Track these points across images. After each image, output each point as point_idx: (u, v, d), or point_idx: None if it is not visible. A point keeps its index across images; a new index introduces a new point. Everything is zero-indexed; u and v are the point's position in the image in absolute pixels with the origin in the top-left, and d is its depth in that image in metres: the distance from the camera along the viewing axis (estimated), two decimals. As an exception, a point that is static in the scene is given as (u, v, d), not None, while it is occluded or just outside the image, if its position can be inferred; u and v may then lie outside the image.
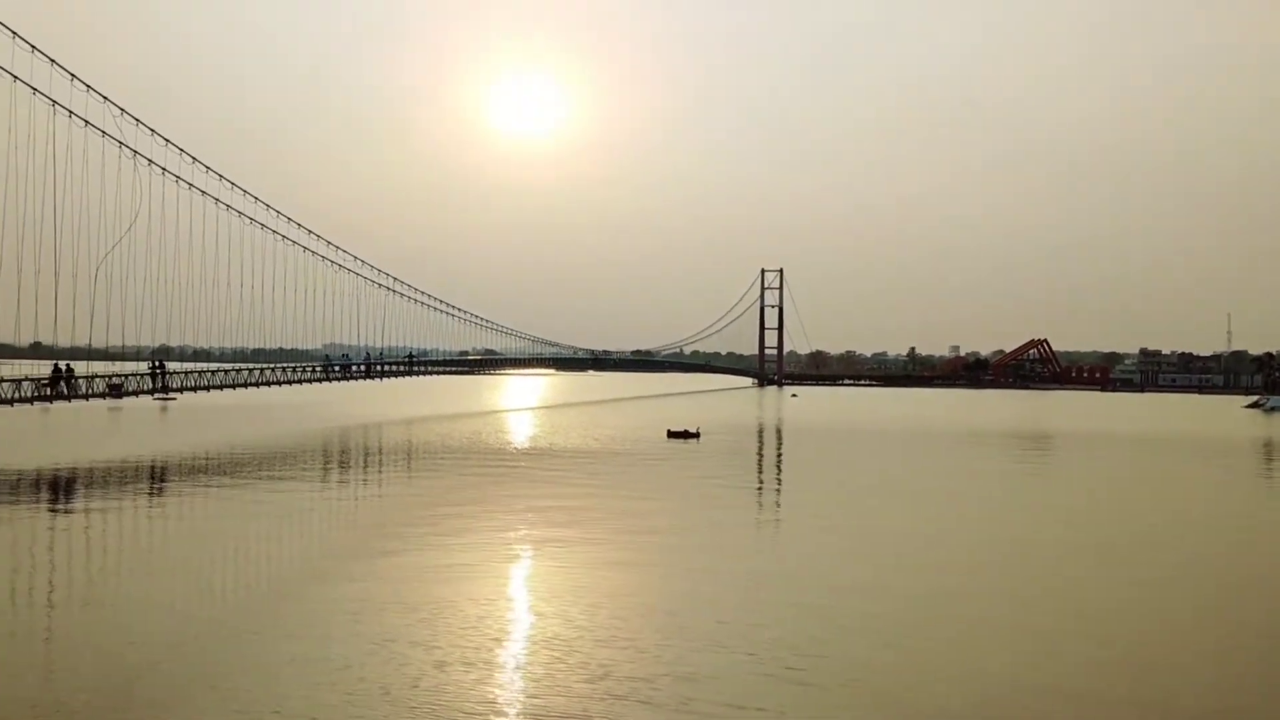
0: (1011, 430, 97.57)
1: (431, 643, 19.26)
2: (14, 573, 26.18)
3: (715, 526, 34.98)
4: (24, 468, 47.55)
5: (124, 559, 29.24)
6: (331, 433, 75.76)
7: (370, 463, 56.79)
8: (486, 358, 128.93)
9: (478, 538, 31.36)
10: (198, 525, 34.60)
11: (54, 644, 19.51)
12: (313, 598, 23.29)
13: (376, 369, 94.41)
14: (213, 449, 59.92)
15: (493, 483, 46.39)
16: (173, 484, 44.67)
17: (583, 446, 66.21)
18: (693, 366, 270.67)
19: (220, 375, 75.51)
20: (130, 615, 21.57)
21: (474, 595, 23.61)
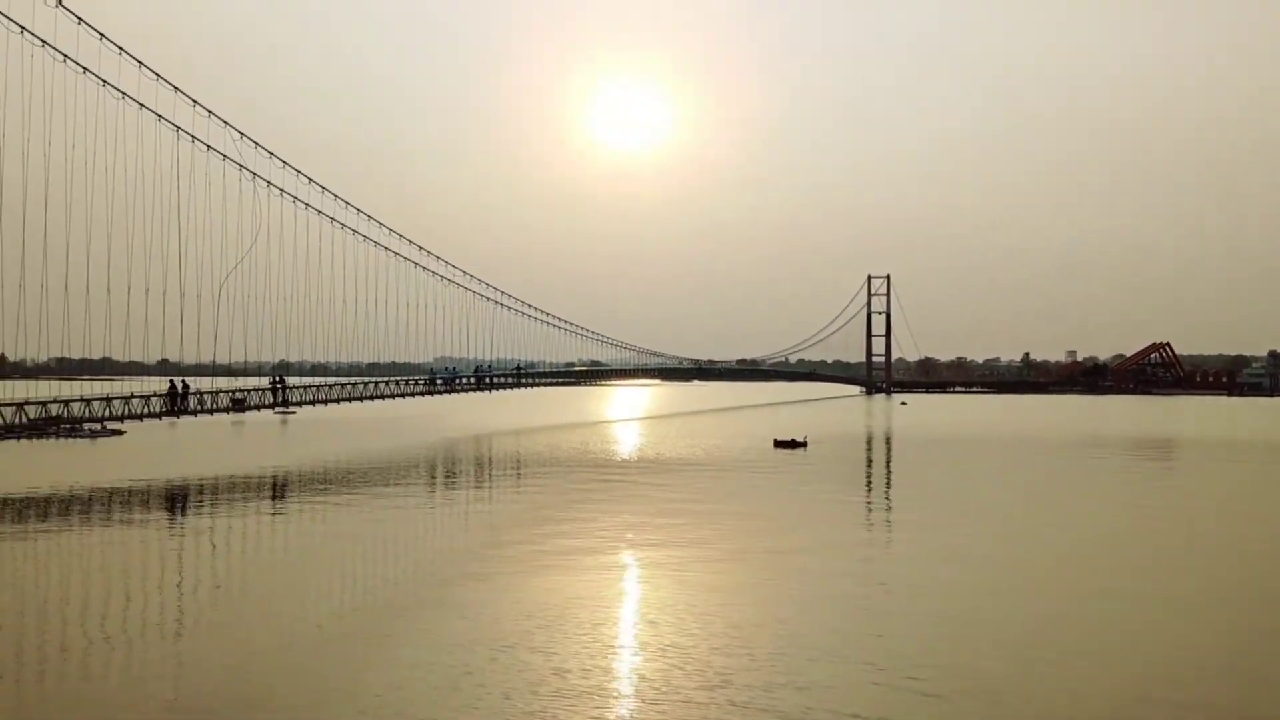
0: (1133, 437, 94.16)
1: (549, 649, 19.44)
2: (145, 583, 27.31)
3: (824, 536, 34.57)
4: (153, 480, 49.60)
5: (248, 569, 30.25)
6: (443, 444, 77.24)
7: (481, 473, 57.68)
8: (592, 369, 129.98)
9: (588, 547, 31.59)
10: (318, 536, 35.60)
11: (184, 651, 20.24)
12: (432, 605, 23.74)
13: (486, 381, 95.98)
14: (330, 461, 61.64)
15: (601, 493, 46.67)
16: (293, 496, 46.10)
17: (689, 456, 66.17)
18: (799, 375, 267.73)
19: (336, 389, 77.67)
20: (256, 623, 22.33)
21: (587, 603, 23.76)
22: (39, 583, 27.46)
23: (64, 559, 30.22)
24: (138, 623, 22.47)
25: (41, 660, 19.41)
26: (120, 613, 23.43)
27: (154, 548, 32.06)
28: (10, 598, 25.33)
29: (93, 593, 25.64)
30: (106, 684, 17.86)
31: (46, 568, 29.17)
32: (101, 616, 22.92)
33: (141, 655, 19.64)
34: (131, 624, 22.37)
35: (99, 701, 16.84)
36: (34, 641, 20.76)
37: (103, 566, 28.98)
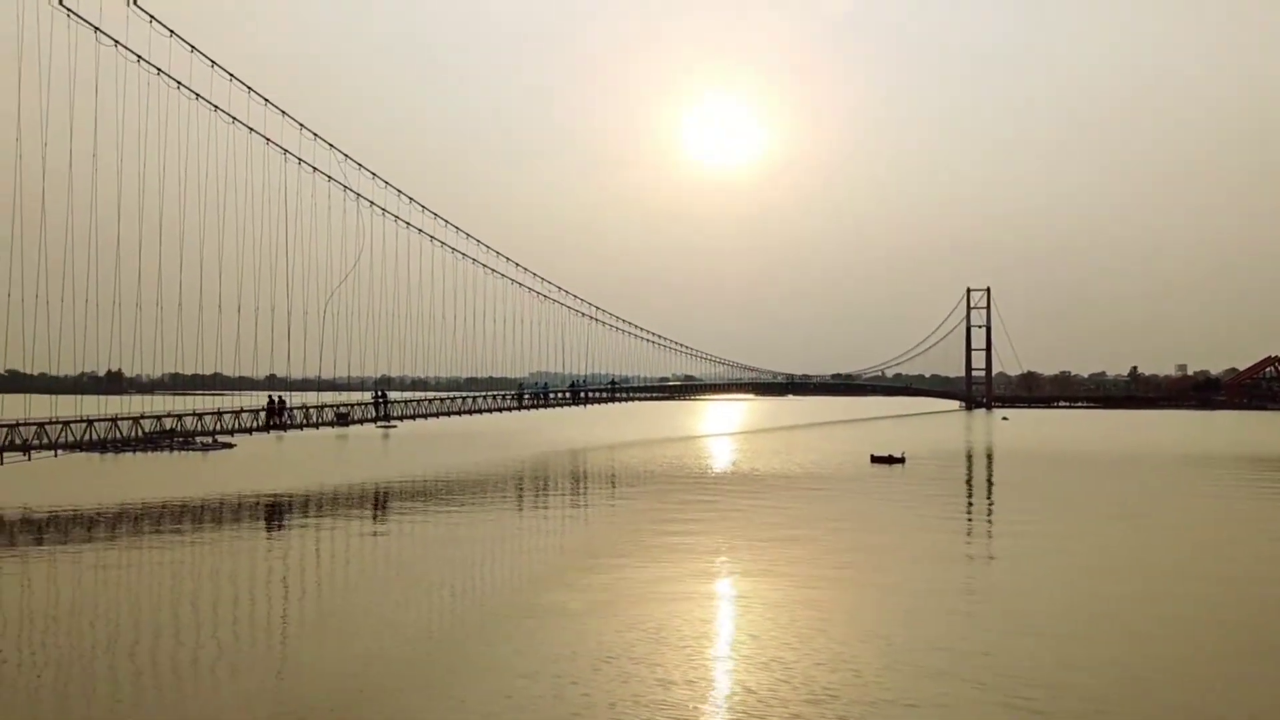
0: (1248, 455, 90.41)
1: (653, 661, 19.49)
2: (254, 593, 28.17)
3: (924, 552, 34.00)
4: (261, 492, 51.11)
5: (355, 579, 31.00)
6: (539, 458, 78.02)
7: (576, 487, 58.10)
8: (686, 383, 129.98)
9: (685, 560, 31.60)
10: (421, 547, 36.28)
11: (290, 660, 20.85)
12: (534, 615, 23.99)
13: (580, 395, 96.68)
14: (430, 475, 62.77)
15: (696, 507, 46.60)
16: (396, 509, 47.06)
17: (784, 471, 65.68)
18: (896, 389, 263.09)
19: (435, 404, 79.00)
20: (364, 633, 22.84)
21: (689, 615, 23.76)
22: (156, 591, 28.52)
23: (180, 568, 31.33)
24: (251, 629, 23.20)
25: (157, 665, 20.13)
26: (236, 619, 24.21)
27: (263, 558, 33.09)
28: (131, 606, 26.38)
29: (208, 600, 26.54)
30: (223, 689, 18.45)
31: (164, 576, 30.25)
32: (217, 623, 23.72)
33: (255, 660, 20.29)
34: (245, 630, 23.11)
35: (214, 707, 17.41)
36: (149, 647, 21.55)
37: (219, 575, 29.98)
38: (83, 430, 48.80)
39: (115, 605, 26.39)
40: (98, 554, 33.19)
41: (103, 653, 20.90)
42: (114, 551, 33.75)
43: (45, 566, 31.10)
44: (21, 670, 19.59)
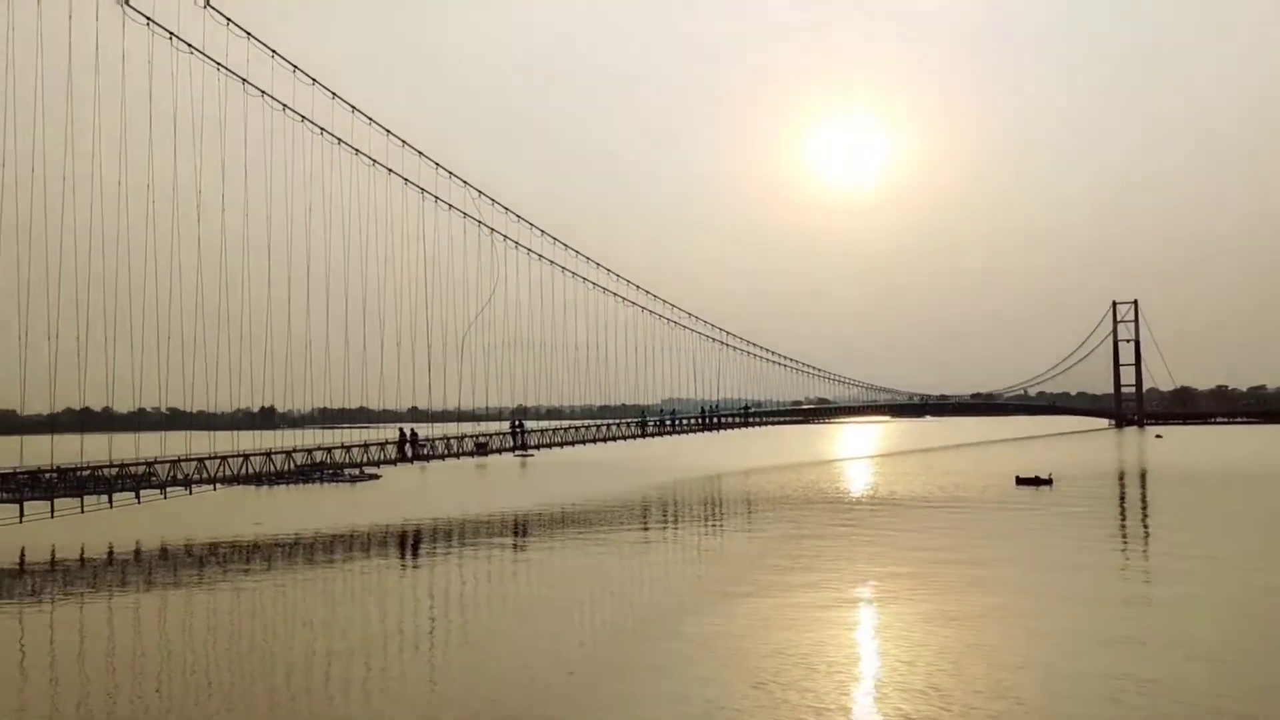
0: None
1: (805, 687, 19.14)
2: (399, 618, 28.83)
3: (1077, 577, 32.59)
4: (406, 520, 52.46)
5: (498, 606, 31.46)
6: (674, 484, 78.02)
7: (714, 513, 57.83)
8: (820, 406, 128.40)
9: (828, 585, 31.06)
10: (561, 573, 36.60)
11: (435, 685, 21.19)
12: (678, 640, 23.87)
13: (713, 421, 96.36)
14: (568, 502, 63.41)
15: (836, 532, 45.84)
16: (536, 535, 47.68)
17: (925, 494, 64.02)
18: (1040, 408, 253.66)
19: (571, 432, 79.88)
20: (508, 659, 23.08)
21: (836, 641, 23.30)
22: (310, 617, 29.50)
23: (331, 596, 32.40)
24: (400, 656, 23.74)
25: (311, 690, 20.76)
26: (386, 645, 24.82)
27: (410, 585, 33.95)
28: (296, 631, 27.34)
29: (359, 626, 27.31)
30: (375, 710, 18.89)
31: (317, 604, 31.29)
32: (369, 649, 24.35)
33: (404, 685, 20.71)
34: (394, 656, 23.66)
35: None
36: (320, 671, 22.25)
37: (367, 602, 30.88)
38: (239, 465, 51.03)
39: (270, 632, 27.40)
40: (255, 583, 34.56)
41: (259, 678, 21.68)
42: (271, 581, 35.09)
43: (205, 596, 32.51)
44: (186, 690, 20.48)
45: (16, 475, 44.23)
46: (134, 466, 47.42)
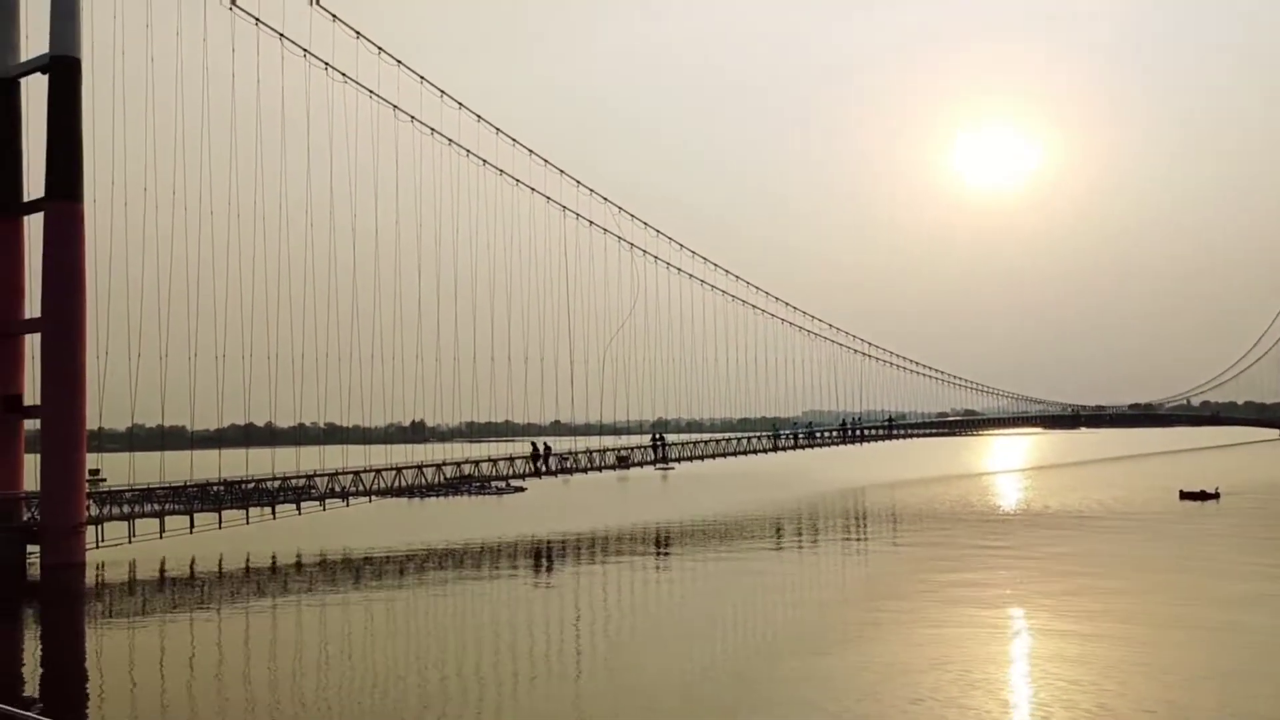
0: None
1: (965, 704, 18.59)
2: (549, 629, 29.31)
3: (1247, 595, 30.73)
4: (551, 532, 53.32)
5: (640, 617, 31.70)
6: (815, 498, 77.06)
7: (856, 527, 56.86)
8: (967, 418, 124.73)
9: (981, 600, 30.18)
10: (705, 585, 36.59)
11: (584, 694, 21.43)
12: (828, 654, 23.53)
13: (855, 433, 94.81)
14: (709, 515, 63.34)
15: (987, 546, 44.48)
16: (677, 547, 47.81)
17: (1082, 509, 61.48)
18: (1203, 419, 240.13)
19: (711, 445, 79.74)
20: (652, 670, 23.17)
21: (995, 657, 22.70)
22: (459, 626, 30.33)
23: (486, 602, 33.24)
24: (546, 663, 24.15)
25: (482, 688, 21.31)
26: (533, 653, 25.28)
27: (556, 595, 34.49)
28: (438, 640, 28.17)
29: (506, 634, 27.92)
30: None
31: (465, 613, 32.15)
32: (515, 656, 24.86)
33: (549, 692, 21.09)
34: (541, 664, 24.08)
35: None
36: (475, 673, 22.86)
37: (515, 611, 31.57)
38: (392, 478, 52.90)
39: (424, 640, 28.29)
40: (410, 592, 35.73)
41: (409, 684, 22.39)
42: (423, 589, 36.22)
43: (361, 605, 33.74)
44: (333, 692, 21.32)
45: (187, 489, 46.89)
46: (294, 480, 49.69)
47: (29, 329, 43.91)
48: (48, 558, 40.41)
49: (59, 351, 41.94)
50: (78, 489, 42.01)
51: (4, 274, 44.65)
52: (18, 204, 44.79)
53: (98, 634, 30.17)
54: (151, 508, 44.78)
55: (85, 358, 42.36)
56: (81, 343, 42.31)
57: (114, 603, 35.17)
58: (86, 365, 42.38)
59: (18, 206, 44.77)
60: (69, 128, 42.73)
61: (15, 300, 44.67)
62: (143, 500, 45.13)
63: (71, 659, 27.11)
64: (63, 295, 42.02)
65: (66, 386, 41.92)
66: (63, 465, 41.42)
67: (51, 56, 42.83)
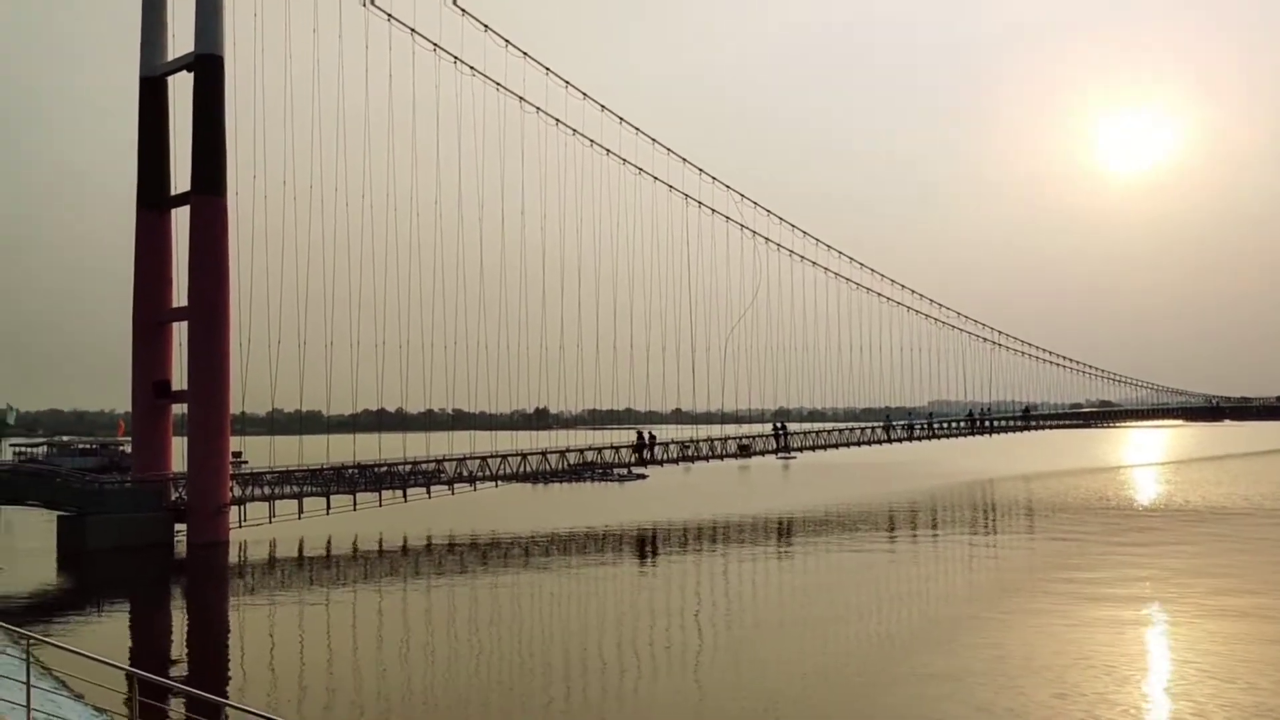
0: None
1: (1116, 700, 17.83)
2: (669, 616, 29.40)
3: None
4: (672, 520, 53.38)
5: (764, 605, 31.48)
6: (941, 489, 75.29)
7: (987, 518, 55.32)
8: (1102, 410, 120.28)
9: (1123, 596, 29.01)
10: (829, 575, 36.17)
11: (703, 687, 21.36)
12: (965, 647, 22.87)
13: (984, 424, 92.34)
14: (830, 505, 62.56)
15: (1126, 540, 42.75)
16: (799, 536, 47.37)
17: (1225, 504, 58.54)
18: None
19: (834, 435, 78.77)
20: (776, 660, 23.03)
21: (1142, 653, 21.97)
22: (595, 607, 30.64)
23: (606, 588, 33.53)
24: (668, 653, 24.20)
25: (605, 673, 21.49)
26: (652, 641, 25.37)
27: (677, 582, 34.53)
28: (571, 621, 28.51)
29: (629, 620, 28.08)
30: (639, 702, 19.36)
31: (597, 594, 32.46)
32: (637, 643, 24.99)
33: (667, 681, 21.11)
34: (662, 653, 24.14)
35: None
36: (599, 657, 23.08)
37: (636, 595, 31.74)
38: (518, 464, 53.82)
39: (547, 624, 28.68)
40: (534, 575, 36.25)
41: (532, 668, 22.70)
42: (547, 574, 36.70)
43: (488, 586, 34.36)
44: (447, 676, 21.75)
45: (323, 472, 48.59)
46: (425, 464, 51.00)
47: (176, 318, 46.10)
48: (194, 536, 42.38)
49: (204, 339, 43.89)
50: (222, 471, 43.95)
51: (153, 265, 46.99)
52: (165, 198, 47.05)
53: (241, 609, 31.47)
54: (290, 490, 46.58)
55: (229, 345, 44.26)
56: (225, 331, 44.21)
57: (256, 580, 36.65)
58: (230, 352, 44.26)
59: (165, 200, 47.03)
60: (213, 124, 44.59)
61: (164, 290, 46.97)
62: (282, 482, 46.97)
63: (216, 633, 28.34)
64: (207, 285, 43.94)
65: (211, 373, 43.87)
66: (208, 448, 43.37)
67: (196, 55, 44.77)
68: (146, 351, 46.68)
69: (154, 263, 47.02)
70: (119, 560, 38.98)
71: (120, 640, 26.67)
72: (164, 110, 47.53)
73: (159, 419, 47.21)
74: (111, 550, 39.88)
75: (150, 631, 28.86)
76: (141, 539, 41.20)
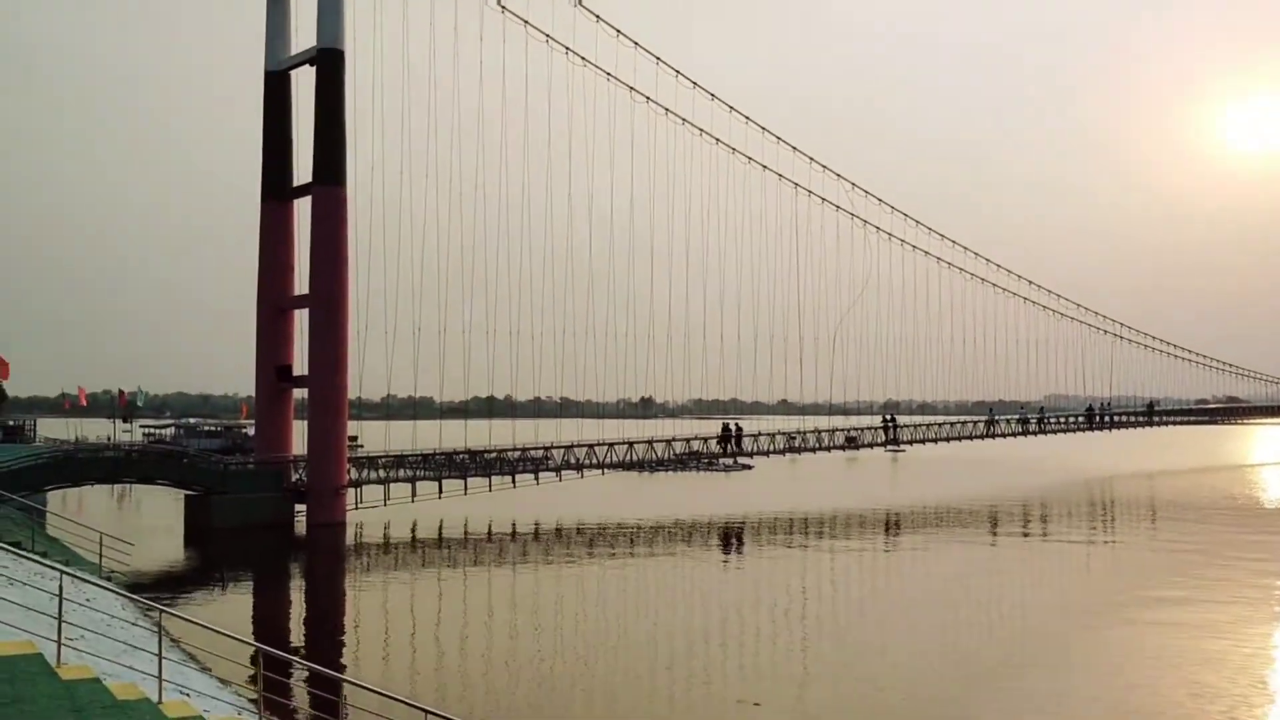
0: None
1: (1257, 704, 17.21)
2: (773, 607, 29.21)
3: None
4: (777, 511, 52.99)
5: (877, 597, 31.09)
6: (1056, 485, 73.07)
7: (1107, 516, 53.48)
8: (1229, 405, 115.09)
9: (1255, 598, 27.94)
10: (942, 569, 35.36)
11: (810, 673, 21.18)
12: (1092, 644, 22.21)
13: (1103, 420, 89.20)
14: (941, 499, 61.21)
15: (1255, 540, 41.03)
16: (908, 530, 46.55)
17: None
18: None
19: (945, 428, 77.00)
20: (885, 653, 22.75)
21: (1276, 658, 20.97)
22: (700, 594, 30.68)
23: (712, 575, 33.55)
24: (788, 644, 24.07)
25: (708, 656, 21.52)
26: (762, 629, 25.27)
27: (783, 573, 34.29)
28: (678, 606, 28.58)
29: (734, 612, 28.01)
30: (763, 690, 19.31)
31: (704, 581, 32.50)
32: (758, 633, 24.91)
33: (775, 673, 20.99)
34: (783, 643, 24.02)
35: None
36: (704, 641, 23.11)
37: (742, 585, 31.65)
38: (624, 452, 54.12)
39: (656, 610, 28.81)
40: (641, 562, 36.45)
41: (639, 652, 22.81)
42: (653, 561, 36.88)
43: (596, 571, 34.71)
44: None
45: (435, 456, 49.64)
46: (533, 451, 51.68)
47: (298, 305, 47.58)
48: (313, 516, 43.75)
49: (324, 326, 45.20)
50: (340, 454, 45.24)
51: (277, 254, 48.59)
52: (288, 189, 48.59)
53: (357, 588, 32.37)
54: (404, 473, 47.72)
55: (347, 332, 45.49)
56: (344, 318, 45.45)
57: (371, 560, 37.65)
58: (348, 339, 45.52)
59: (288, 191, 48.57)
60: (333, 116, 45.81)
61: (286, 278, 48.54)
62: (396, 466, 48.13)
63: (334, 610, 29.22)
64: (328, 273, 45.22)
65: (330, 358, 45.16)
66: (327, 432, 44.70)
67: (318, 49, 46.02)
68: (269, 337, 48.32)
69: (277, 251, 48.63)
70: (242, 538, 40.48)
71: (244, 615, 27.71)
72: (287, 103, 49.07)
73: (280, 403, 48.85)
74: (235, 529, 41.43)
75: (272, 607, 29.92)
76: (263, 518, 42.70)
